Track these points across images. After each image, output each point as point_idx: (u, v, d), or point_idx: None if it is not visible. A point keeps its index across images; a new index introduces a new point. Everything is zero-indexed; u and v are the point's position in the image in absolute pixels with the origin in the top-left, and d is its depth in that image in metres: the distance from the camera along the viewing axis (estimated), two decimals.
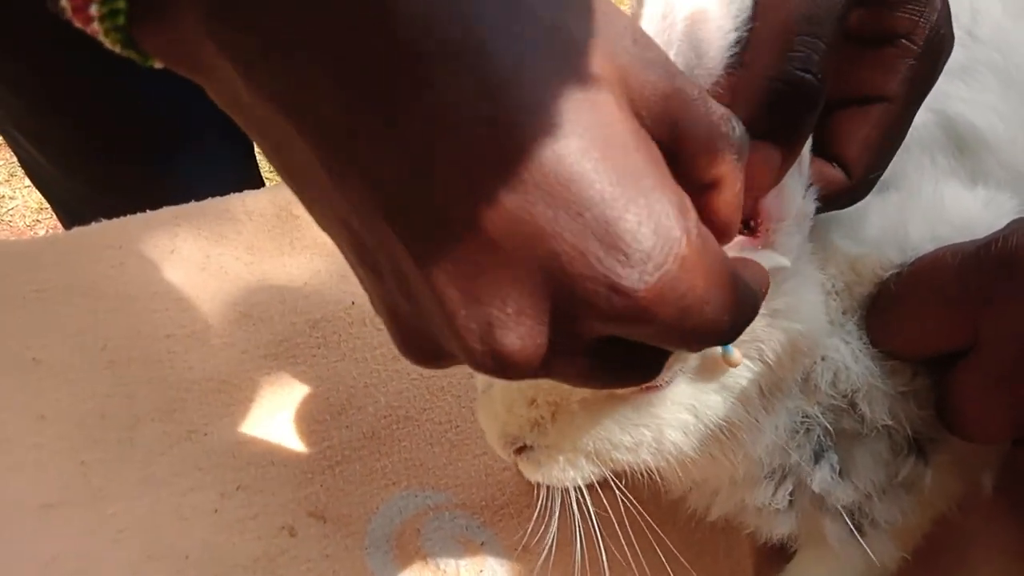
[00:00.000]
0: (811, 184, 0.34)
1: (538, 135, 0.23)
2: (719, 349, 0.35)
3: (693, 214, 0.25)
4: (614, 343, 0.26)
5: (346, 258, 0.27)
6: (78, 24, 0.26)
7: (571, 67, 0.24)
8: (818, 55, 0.30)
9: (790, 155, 0.31)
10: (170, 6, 0.24)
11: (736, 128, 0.27)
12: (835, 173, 0.34)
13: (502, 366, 0.25)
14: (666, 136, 0.26)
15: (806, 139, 0.32)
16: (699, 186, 0.28)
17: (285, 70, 0.23)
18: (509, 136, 0.23)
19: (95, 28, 0.26)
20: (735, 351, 0.35)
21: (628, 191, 0.23)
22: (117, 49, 0.26)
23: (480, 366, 0.25)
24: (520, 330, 0.24)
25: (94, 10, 0.25)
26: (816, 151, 0.34)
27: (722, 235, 0.29)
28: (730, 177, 0.28)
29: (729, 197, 0.28)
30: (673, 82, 0.26)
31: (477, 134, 0.23)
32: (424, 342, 0.27)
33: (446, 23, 0.22)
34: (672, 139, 0.26)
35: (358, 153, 0.23)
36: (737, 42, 0.31)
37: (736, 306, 0.26)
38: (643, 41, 0.26)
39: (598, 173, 0.23)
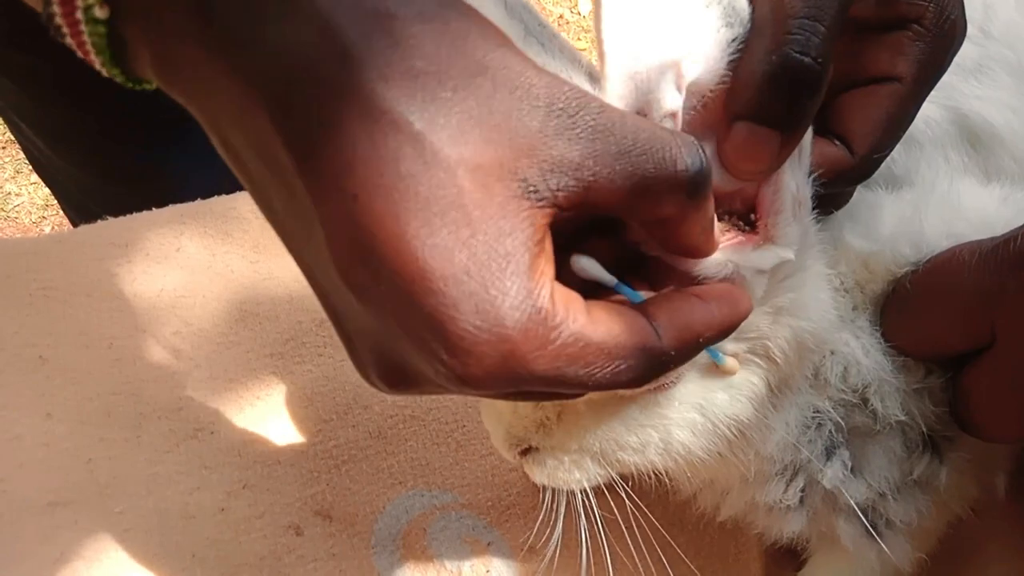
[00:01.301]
0: (810, 172, 0.33)
1: (392, 234, 0.25)
2: (711, 358, 0.35)
3: (540, 303, 0.27)
4: None
5: None
6: (75, 48, 0.29)
7: (437, 160, 0.25)
8: (818, 38, 0.29)
9: (790, 140, 0.31)
10: (135, 59, 0.28)
11: (689, 164, 0.28)
12: (836, 151, 0.34)
13: (379, 390, 0.30)
14: (582, 199, 0.27)
15: (806, 124, 0.31)
16: (652, 223, 0.29)
17: (224, 143, 0.28)
18: (365, 234, 0.26)
19: (89, 54, 0.29)
20: (727, 359, 0.35)
21: (464, 288, 0.26)
22: (115, 76, 0.30)
23: (367, 383, 0.31)
24: (385, 378, 0.29)
25: (86, 37, 0.28)
26: (820, 131, 0.34)
27: (696, 254, 0.31)
28: (680, 215, 0.28)
29: (686, 229, 0.29)
30: (592, 146, 0.26)
31: (340, 225, 0.26)
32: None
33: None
34: (595, 198, 0.27)
35: (273, 211, 0.29)
36: (734, 38, 0.30)
37: (620, 370, 0.28)
38: (564, 107, 0.26)
39: (439, 272, 0.26)
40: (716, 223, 0.31)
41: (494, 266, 0.26)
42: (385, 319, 0.27)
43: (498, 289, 0.26)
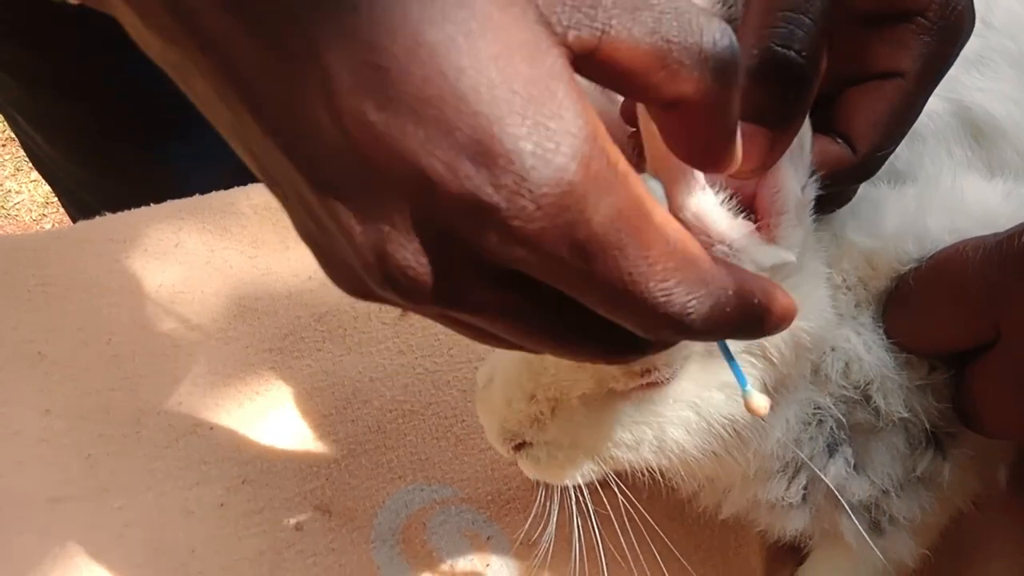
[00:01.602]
0: (813, 172, 0.32)
1: (408, 48, 0.21)
2: (739, 388, 0.31)
3: (601, 143, 0.22)
4: (545, 292, 0.24)
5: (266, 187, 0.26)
6: None
7: None
8: (802, 31, 0.28)
9: (781, 137, 0.29)
10: None
11: (718, 38, 0.24)
12: (839, 150, 0.33)
13: (400, 285, 0.24)
14: (595, 46, 0.23)
15: (798, 121, 0.30)
16: (668, 106, 0.25)
17: (174, 5, 0.23)
18: (374, 51, 0.21)
19: None
20: (756, 395, 0.30)
21: (508, 106, 0.21)
22: None
23: (381, 285, 0.24)
24: (412, 246, 0.23)
25: None
26: (823, 129, 0.33)
27: (714, 166, 0.27)
28: (700, 99, 0.24)
29: (706, 121, 0.25)
30: None
31: (343, 48, 0.21)
32: (344, 268, 0.26)
33: None
34: (610, 50, 0.23)
35: (244, 81, 0.23)
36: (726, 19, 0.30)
37: (679, 280, 0.24)
38: None
39: (473, 87, 0.21)
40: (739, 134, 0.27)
41: (541, 85, 0.22)
42: (410, 165, 0.22)
43: (551, 111, 0.21)
